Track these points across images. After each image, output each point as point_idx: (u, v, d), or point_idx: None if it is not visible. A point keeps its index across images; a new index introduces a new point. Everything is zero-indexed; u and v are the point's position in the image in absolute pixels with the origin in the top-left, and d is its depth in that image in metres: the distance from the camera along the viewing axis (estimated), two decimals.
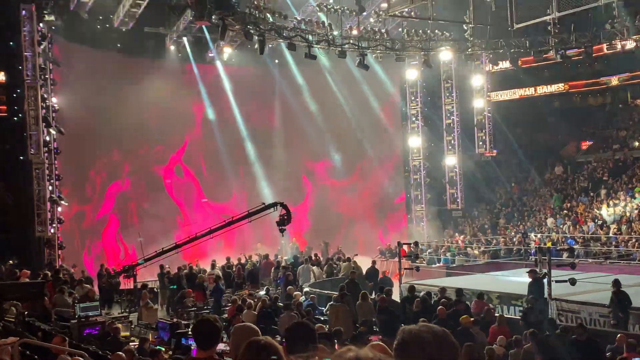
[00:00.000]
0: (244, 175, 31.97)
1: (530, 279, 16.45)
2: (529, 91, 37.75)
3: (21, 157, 23.68)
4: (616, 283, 15.10)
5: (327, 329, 12.38)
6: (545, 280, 16.10)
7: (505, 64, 33.68)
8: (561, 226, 30.04)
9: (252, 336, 3.85)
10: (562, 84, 37.65)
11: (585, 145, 37.49)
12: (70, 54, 26.94)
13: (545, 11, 24.45)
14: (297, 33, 24.82)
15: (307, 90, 32.21)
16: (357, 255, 25.10)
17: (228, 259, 25.43)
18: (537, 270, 17.15)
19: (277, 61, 32.14)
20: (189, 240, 20.97)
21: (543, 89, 37.87)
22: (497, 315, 14.51)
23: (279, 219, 19.85)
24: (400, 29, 29.68)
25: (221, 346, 5.46)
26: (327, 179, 34.03)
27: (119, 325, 13.52)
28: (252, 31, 23.18)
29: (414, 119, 35.35)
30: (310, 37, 25.13)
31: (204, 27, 27.74)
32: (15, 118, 23.78)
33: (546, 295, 15.96)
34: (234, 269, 24.14)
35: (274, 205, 20.10)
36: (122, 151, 29.62)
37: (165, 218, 28.75)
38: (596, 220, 29.03)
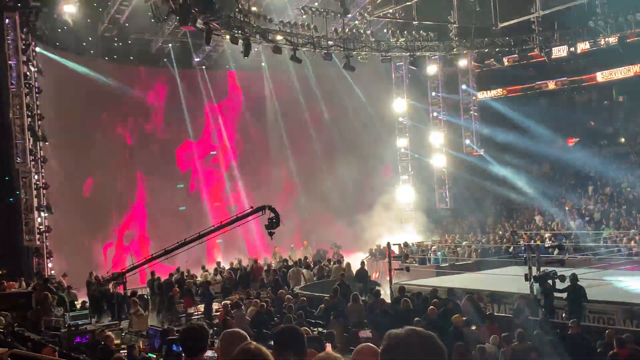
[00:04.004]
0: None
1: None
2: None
3: (7, 166, 23.53)
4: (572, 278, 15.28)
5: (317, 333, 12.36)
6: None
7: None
8: (549, 223, 30.16)
9: (241, 342, 3.82)
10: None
11: (571, 142, 37.64)
12: (55, 61, 26.76)
13: (529, 10, 24.55)
14: (283, 36, 24.79)
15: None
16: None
17: (218, 263, 25.31)
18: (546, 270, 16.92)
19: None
20: (178, 246, 20.85)
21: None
22: (488, 313, 14.55)
23: (268, 222, 19.78)
24: (385, 30, 29.72)
25: (209, 353, 5.41)
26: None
27: (111, 334, 13.39)
28: (237, 35, 23.12)
29: (401, 119, 35.30)
30: (295, 40, 25.11)
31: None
32: (1, 127, 23.63)
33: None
34: (225, 274, 24.05)
35: (262, 208, 20.03)
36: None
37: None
38: (584, 217, 29.17)
